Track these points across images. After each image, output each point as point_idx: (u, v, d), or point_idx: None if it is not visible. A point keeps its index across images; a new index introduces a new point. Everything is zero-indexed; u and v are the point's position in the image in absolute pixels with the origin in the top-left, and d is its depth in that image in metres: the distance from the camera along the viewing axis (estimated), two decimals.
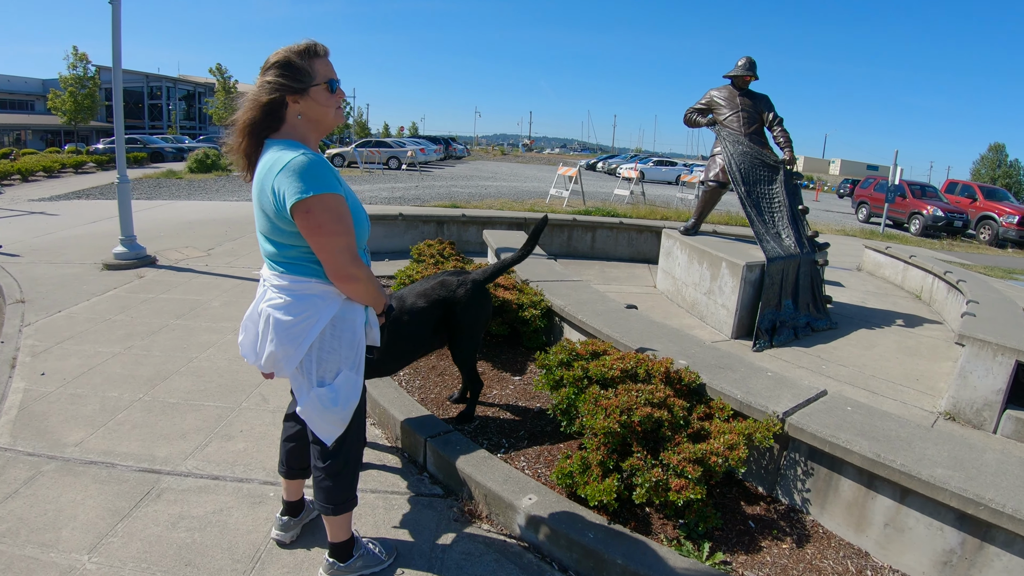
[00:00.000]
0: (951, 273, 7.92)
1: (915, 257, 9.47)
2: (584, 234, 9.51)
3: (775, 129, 6.65)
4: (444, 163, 41.15)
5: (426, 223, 9.22)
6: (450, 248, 6.01)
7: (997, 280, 12.55)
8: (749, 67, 6.68)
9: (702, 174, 24.41)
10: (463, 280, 3.47)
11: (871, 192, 23.24)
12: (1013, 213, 20.44)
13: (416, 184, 21.86)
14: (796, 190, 6.63)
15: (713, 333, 6.00)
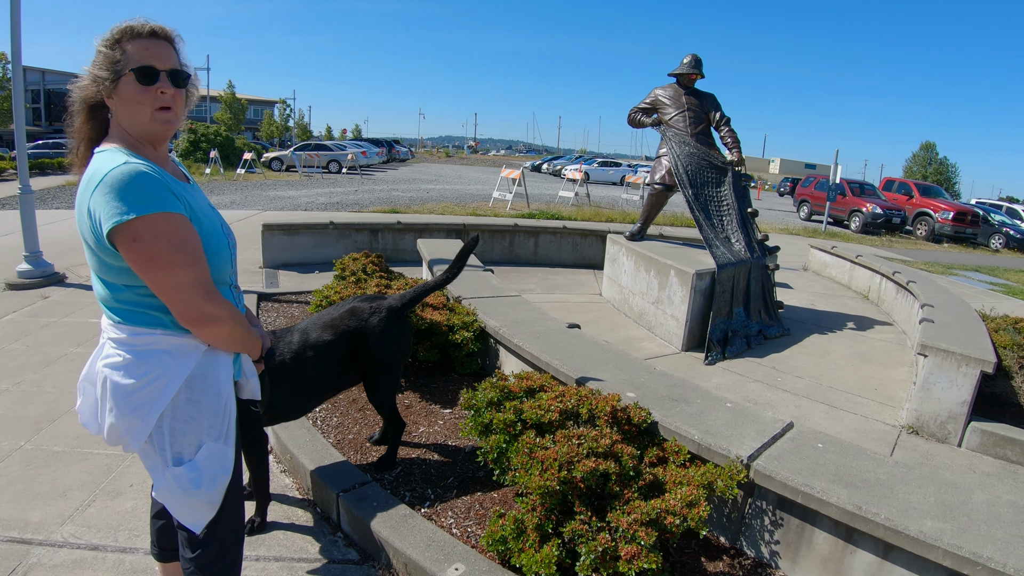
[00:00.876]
0: (900, 273, 7.77)
1: (861, 257, 9.35)
2: (526, 240, 9.09)
3: (723, 129, 6.35)
4: (387, 166, 40.33)
5: (359, 231, 8.67)
6: (376, 262, 5.48)
7: (939, 276, 12.64)
8: (695, 65, 6.36)
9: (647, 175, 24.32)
10: (376, 307, 2.98)
11: (812, 191, 23.51)
12: (948, 209, 20.93)
13: (356, 188, 21.14)
14: (745, 192, 6.33)
15: (663, 345, 5.63)
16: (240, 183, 21.26)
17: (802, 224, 21.25)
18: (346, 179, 25.69)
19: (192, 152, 27.88)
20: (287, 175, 26.72)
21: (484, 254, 8.99)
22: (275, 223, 8.34)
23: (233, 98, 50.73)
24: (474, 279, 5.29)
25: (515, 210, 15.93)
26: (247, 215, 12.81)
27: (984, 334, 5.01)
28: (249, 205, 14.94)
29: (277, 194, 17.88)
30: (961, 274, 13.93)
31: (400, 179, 27.91)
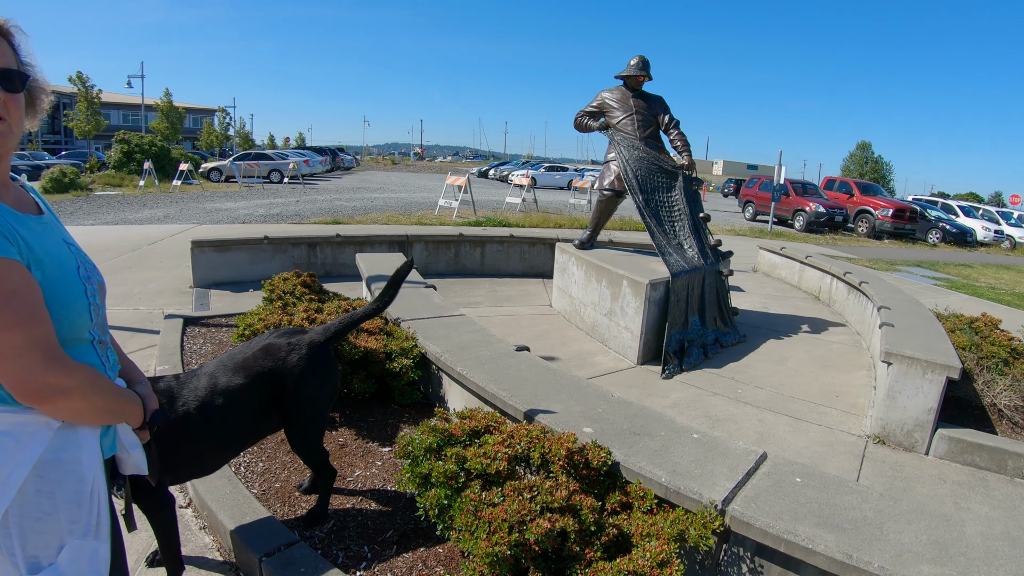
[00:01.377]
0: (851, 274, 7.70)
1: (811, 258, 9.29)
2: (472, 250, 8.76)
3: (672, 132, 6.14)
4: (331, 175, 39.47)
5: (296, 245, 8.21)
6: (308, 282, 5.05)
7: (884, 273, 12.77)
8: (642, 67, 6.13)
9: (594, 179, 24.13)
10: (296, 344, 2.59)
11: (756, 191, 23.79)
12: (887, 206, 21.39)
13: (297, 199, 20.45)
14: (696, 197, 6.12)
15: (617, 359, 5.36)
16: (176, 195, 20.34)
17: (748, 224, 21.46)
18: (288, 189, 24.91)
19: (125, 164, 26.64)
20: (226, 186, 25.76)
21: (429, 266, 8.63)
22: (205, 239, 7.83)
23: (170, 106, 48.98)
24: (414, 297, 4.92)
25: (461, 218, 15.58)
26: (181, 229, 12.15)
27: (944, 337, 4.89)
28: (184, 219, 14.22)
29: (215, 206, 17.13)
30: (904, 270, 14.14)
31: (344, 188, 27.23)
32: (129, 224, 12.94)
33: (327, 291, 5.24)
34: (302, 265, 8.20)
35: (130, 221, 13.42)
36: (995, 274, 16.07)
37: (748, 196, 24.32)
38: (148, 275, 8.07)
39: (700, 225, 6.01)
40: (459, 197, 16.92)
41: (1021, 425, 4.85)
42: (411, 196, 23.82)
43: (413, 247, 8.61)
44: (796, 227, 21.22)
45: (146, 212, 15.17)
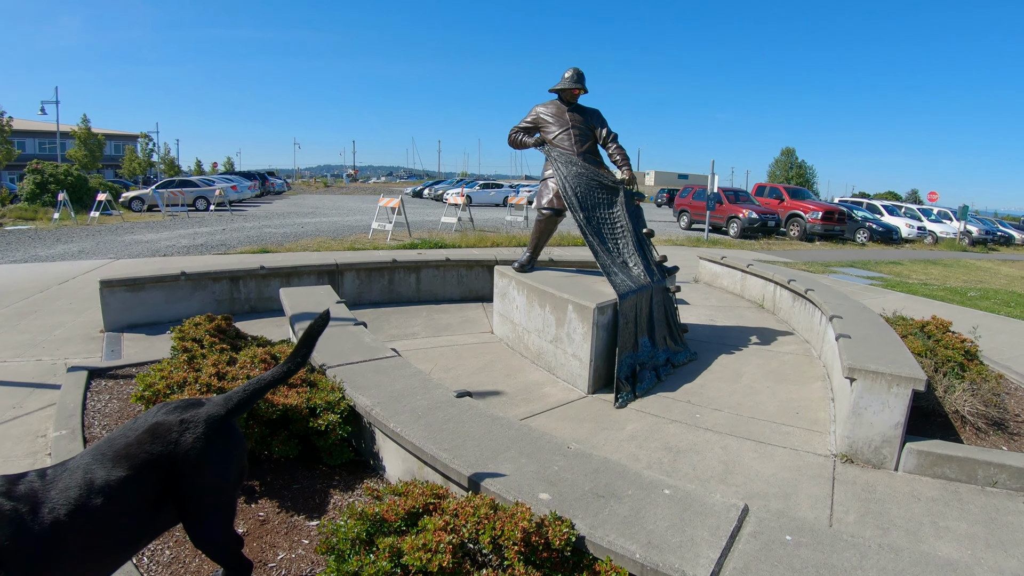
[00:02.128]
0: (795, 282, 7.60)
1: (752, 266, 9.21)
2: (407, 276, 8.33)
3: (610, 146, 5.88)
4: (261, 200, 38.29)
5: (217, 280, 7.63)
6: (222, 326, 4.55)
7: (822, 276, 12.90)
8: (577, 79, 5.86)
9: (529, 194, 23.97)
10: (190, 421, 2.13)
11: (690, 201, 24.08)
12: (817, 209, 21.92)
13: (224, 227, 19.56)
14: (638, 212, 5.87)
15: (567, 389, 5.02)
16: (94, 228, 19.12)
17: (684, 234, 21.64)
18: (214, 217, 23.90)
19: (38, 195, 25.05)
20: (149, 216, 24.51)
21: (362, 295, 8.17)
22: (115, 278, 7.19)
23: (88, 133, 46.76)
24: (343, 338, 4.47)
25: (396, 241, 15.12)
26: (96, 265, 11.30)
27: (902, 346, 4.74)
28: (100, 253, 13.28)
29: (135, 239, 16.15)
30: (840, 271, 14.35)
31: (274, 214, 26.32)
32: (40, 261, 12.00)
33: (244, 335, 4.75)
34: (224, 302, 7.64)
35: (41, 258, 12.46)
36: (924, 270, 16.53)
37: (682, 205, 24.59)
38: (55, 320, 7.37)
39: (644, 241, 5.76)
40: (393, 219, 16.46)
41: (984, 430, 4.73)
42: (344, 220, 23.17)
43: (344, 276, 8.13)
44: (731, 234, 21.53)
45: (59, 247, 14.16)
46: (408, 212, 26.07)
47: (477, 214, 26.35)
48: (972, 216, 31.41)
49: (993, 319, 9.52)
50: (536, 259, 6.30)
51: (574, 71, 5.89)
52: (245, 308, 7.74)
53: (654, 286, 5.49)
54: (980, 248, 28.10)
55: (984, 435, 4.68)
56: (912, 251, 22.89)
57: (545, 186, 5.88)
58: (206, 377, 3.32)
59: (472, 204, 32.86)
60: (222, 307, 7.57)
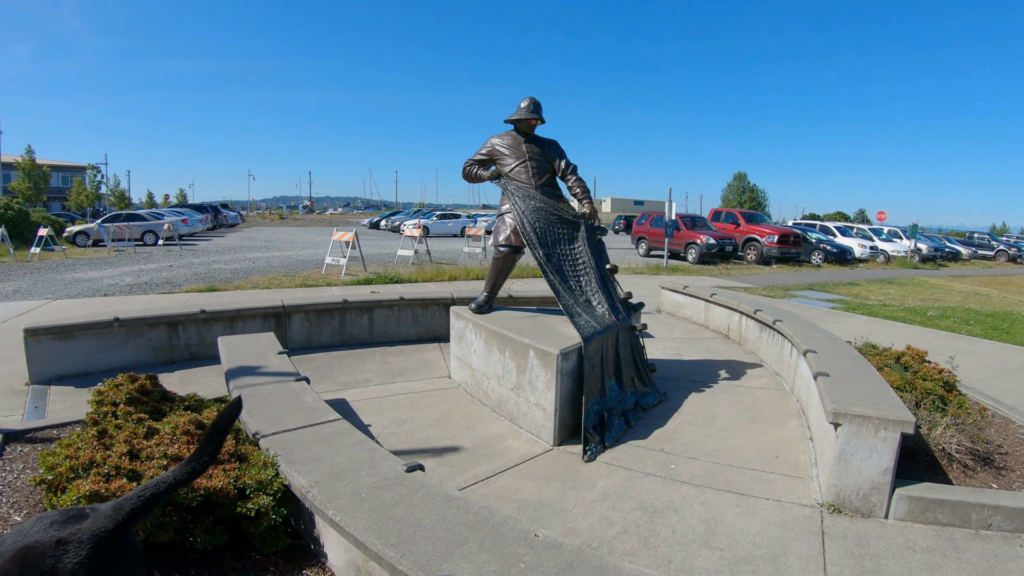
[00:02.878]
0: (762, 312, 7.38)
1: (716, 295, 9.00)
2: (359, 317, 7.88)
3: (570, 179, 5.59)
4: (213, 234, 37.38)
5: (154, 326, 7.08)
6: (146, 387, 4.05)
7: (782, 300, 12.84)
8: (534, 109, 5.57)
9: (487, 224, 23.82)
10: (71, 540, 1.69)
11: (648, 227, 24.11)
12: (772, 233, 22.11)
13: (171, 263, 18.75)
14: (601, 247, 5.57)
15: (531, 442, 4.64)
16: (34, 265, 18.10)
17: (643, 261, 21.60)
18: (163, 252, 23.04)
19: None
20: (94, 251, 23.48)
21: (311, 339, 7.70)
22: (42, 326, 6.60)
23: (32, 164, 45.10)
24: (281, 398, 4.02)
25: (351, 276, 14.65)
26: (31, 307, 10.55)
27: (882, 382, 4.49)
28: (37, 293, 12.45)
29: (76, 276, 15.30)
30: (800, 295, 14.35)
31: (225, 248, 25.54)
32: None
33: (172, 396, 4.26)
34: (162, 349, 7.11)
35: None
36: (881, 290, 16.67)
37: (640, 232, 24.61)
38: None
39: (608, 278, 5.45)
40: (347, 253, 15.99)
41: (971, 467, 4.49)
42: (297, 254, 22.57)
43: (291, 319, 7.66)
44: (689, 260, 21.58)
45: None
46: (364, 245, 25.65)
47: (435, 245, 26.00)
48: (921, 234, 32.21)
49: (956, 340, 9.49)
50: (494, 298, 5.95)
51: (530, 100, 5.61)
52: (184, 355, 7.21)
53: (619, 325, 5.18)
54: (930, 265, 28.76)
55: (972, 472, 4.45)
56: (867, 271, 23.20)
57: (502, 221, 5.56)
58: (116, 457, 2.86)
59: (430, 235, 32.61)
60: (160, 355, 7.06)
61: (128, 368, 6.82)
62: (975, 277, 24.51)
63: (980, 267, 33.28)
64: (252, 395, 4.03)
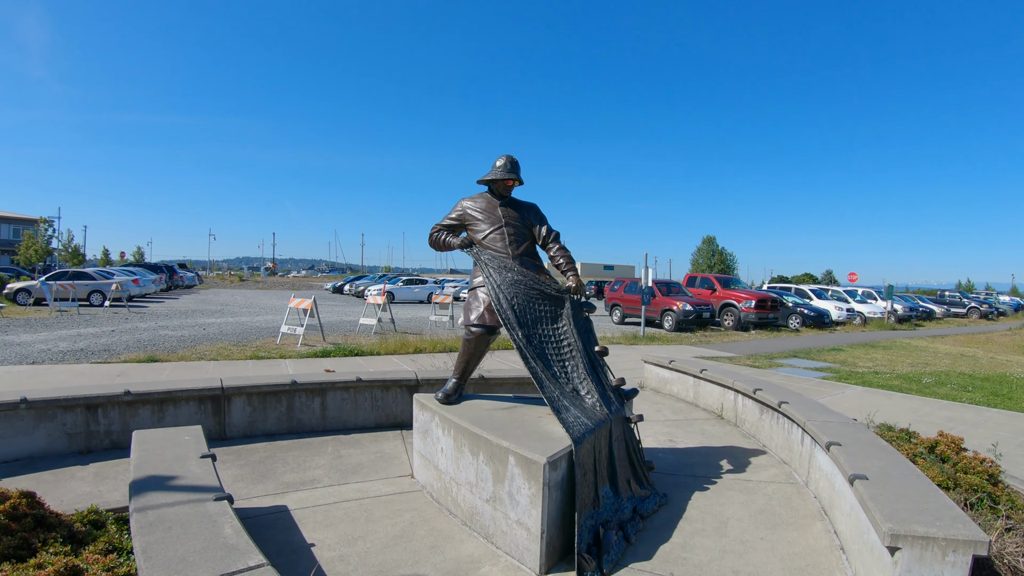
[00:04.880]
0: (763, 391, 6.73)
1: (707, 371, 8.35)
2: (310, 400, 7.03)
3: (552, 247, 4.99)
4: (167, 295, 36.10)
5: (69, 409, 6.15)
6: (19, 509, 3.20)
7: (768, 371, 12.31)
8: (511, 168, 4.97)
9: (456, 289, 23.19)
10: None
11: (622, 294, 23.71)
12: (749, 298, 21.82)
13: (114, 328, 17.56)
14: (588, 325, 4.89)
15: (512, 568, 3.81)
16: None
17: (618, 329, 21.06)
18: (108, 315, 21.77)
19: None
20: (35, 311, 22.05)
21: (255, 426, 6.82)
22: None
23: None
24: (192, 528, 3.15)
25: (307, 346, 13.77)
26: None
27: (928, 484, 3.80)
28: None
29: (6, 340, 14.09)
30: (786, 364, 13.86)
31: (177, 312, 24.37)
32: None
33: (53, 522, 3.37)
34: (78, 435, 6.19)
35: None
36: (867, 355, 16.30)
37: (614, 299, 24.20)
38: None
39: (597, 362, 4.75)
40: (305, 322, 15.11)
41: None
42: (253, 320, 21.56)
43: (232, 403, 6.78)
44: (666, 327, 21.15)
45: None
46: (325, 311, 24.81)
47: (400, 312, 25.21)
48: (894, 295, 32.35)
49: (963, 410, 9.01)
50: (464, 386, 5.18)
51: (507, 159, 5.00)
52: (105, 443, 6.28)
53: (612, 417, 4.45)
54: (907, 325, 28.81)
55: None
56: (846, 334, 22.95)
57: (474, 297, 4.85)
58: None
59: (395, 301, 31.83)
60: (75, 442, 6.16)
61: (37, 458, 5.97)
62: (955, 336, 24.44)
63: (955, 325, 33.52)
64: (156, 523, 3.17)
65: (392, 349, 13.25)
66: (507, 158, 5.03)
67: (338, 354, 12.70)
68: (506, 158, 5.03)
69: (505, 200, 5.07)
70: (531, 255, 4.98)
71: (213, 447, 5.72)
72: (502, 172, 4.96)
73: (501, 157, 5.05)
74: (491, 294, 4.62)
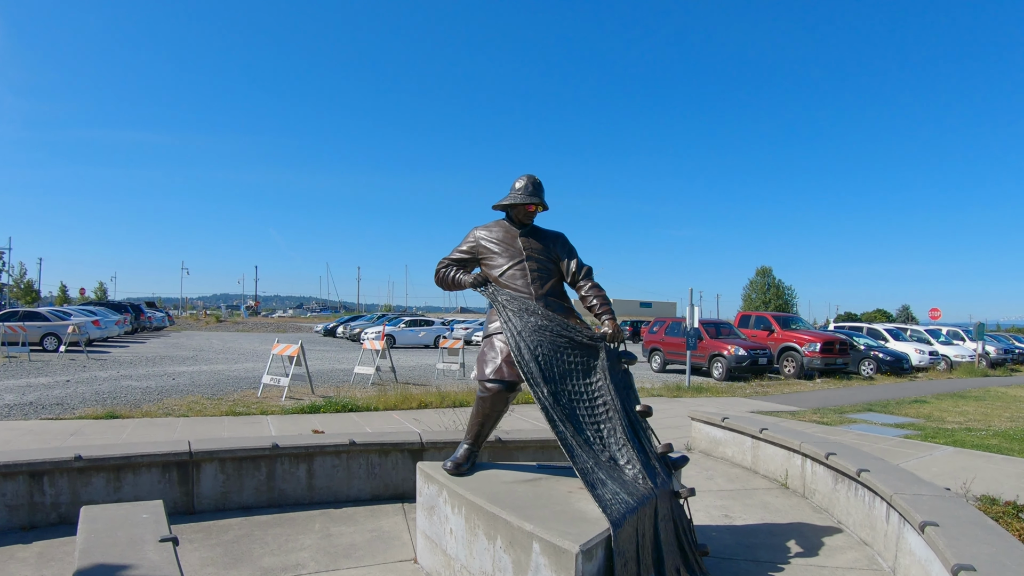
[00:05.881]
0: (836, 456, 6.55)
1: (767, 431, 8.16)
2: (294, 467, 6.89)
3: (584, 285, 4.93)
4: (132, 338, 36.53)
5: (9, 478, 6.06)
6: None
7: (839, 428, 12.09)
8: (533, 191, 4.93)
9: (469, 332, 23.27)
10: None
11: (662, 336, 23.63)
12: (814, 340, 21.60)
13: (70, 378, 17.61)
14: (628, 380, 4.74)
15: None
16: None
17: (659, 378, 20.91)
18: (64, 362, 21.93)
19: None
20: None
21: (228, 496, 6.70)
22: None
23: None
24: None
25: (293, 400, 13.74)
26: None
27: None
28: None
29: None
30: (859, 420, 13.65)
31: (143, 358, 24.54)
32: None
33: None
34: (20, 508, 6.10)
35: None
36: (956, 407, 15.99)
37: (654, 343, 24.12)
38: None
39: (639, 424, 4.60)
40: (290, 371, 15.11)
41: None
42: (231, 368, 21.64)
43: (202, 469, 6.67)
44: (715, 376, 21.07)
45: None
46: (315, 358, 24.85)
47: (403, 359, 25.21)
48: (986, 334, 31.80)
49: None
50: (478, 452, 5.05)
51: (528, 179, 4.95)
52: (52, 518, 6.18)
53: (658, 492, 4.29)
54: (1001, 371, 28.38)
55: None
56: (929, 382, 22.61)
57: (490, 345, 4.75)
58: None
59: (396, 346, 31.85)
60: (16, 516, 6.08)
61: None
62: None
63: None
64: None
65: (392, 404, 13.17)
66: (528, 178, 4.97)
67: (329, 410, 12.63)
68: (527, 178, 4.96)
69: (526, 229, 5.01)
70: (558, 295, 4.90)
71: (179, 523, 5.60)
72: (522, 195, 4.89)
73: (521, 177, 4.99)
74: (510, 342, 4.51)
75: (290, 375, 15.00)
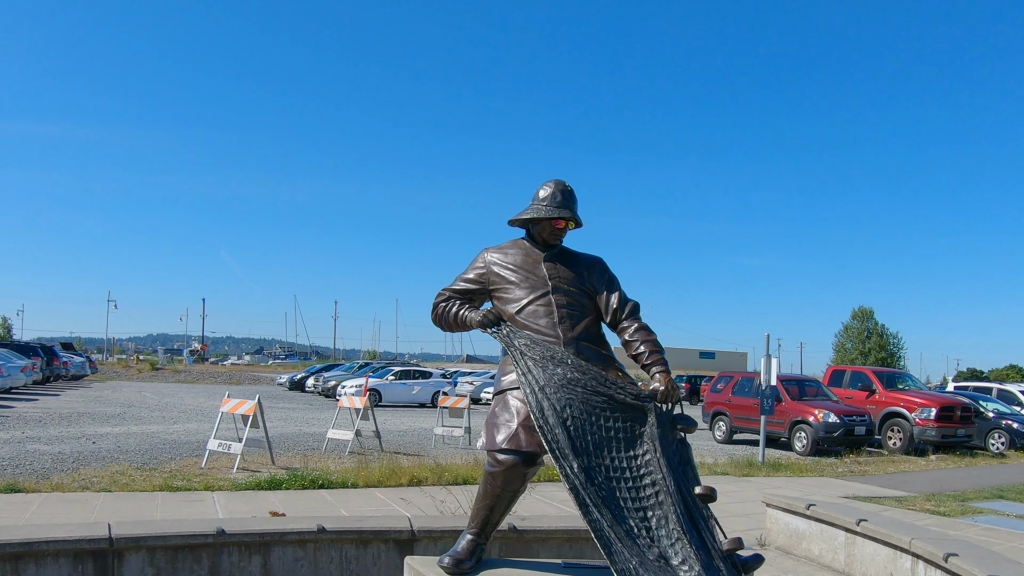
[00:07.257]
0: (958, 557, 6.58)
1: (866, 523, 8.12)
2: (246, 560, 6.97)
3: (628, 327, 4.92)
4: (42, 388, 37.16)
5: None
6: None
7: (961, 521, 11.98)
8: (563, 201, 4.96)
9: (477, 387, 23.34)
10: None
11: (729, 397, 23.74)
12: (928, 404, 21.59)
13: None
14: (685, 453, 4.73)
15: None
16: None
17: (723, 451, 21.05)
18: None
19: None
20: None
21: None
22: None
23: None
24: None
25: (248, 472, 13.89)
26: None
27: None
28: None
29: None
30: (986, 510, 13.71)
31: (56, 415, 24.96)
32: None
33: None
34: None
35: None
36: None
37: (717, 404, 24.24)
38: None
39: (698, 511, 4.56)
40: (244, 435, 15.22)
41: None
42: (169, 430, 21.92)
43: (125, 560, 6.78)
44: (798, 449, 21.17)
45: None
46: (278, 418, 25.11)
47: (390, 421, 25.43)
48: None
49: None
50: (486, 542, 5.05)
51: (555, 186, 4.98)
52: None
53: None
54: None
55: None
56: None
57: (503, 405, 4.75)
58: None
59: (382, 403, 32.00)
60: None
61: None
62: None
63: None
64: None
65: (376, 479, 13.25)
66: (556, 185, 4.98)
67: (293, 485, 12.74)
68: (554, 185, 4.98)
69: (553, 252, 5.03)
70: (593, 339, 4.89)
71: None
72: (548, 207, 4.90)
73: (547, 184, 5.01)
74: (529, 400, 4.51)
75: (244, 440, 15.16)
